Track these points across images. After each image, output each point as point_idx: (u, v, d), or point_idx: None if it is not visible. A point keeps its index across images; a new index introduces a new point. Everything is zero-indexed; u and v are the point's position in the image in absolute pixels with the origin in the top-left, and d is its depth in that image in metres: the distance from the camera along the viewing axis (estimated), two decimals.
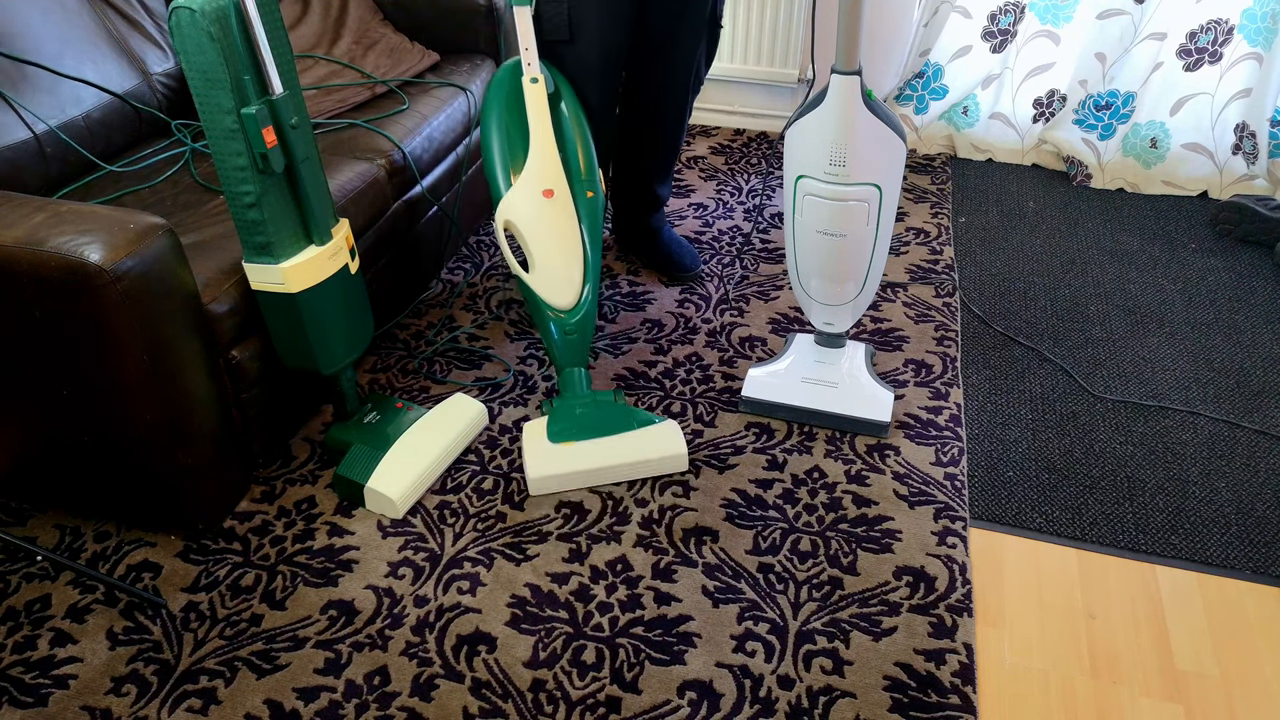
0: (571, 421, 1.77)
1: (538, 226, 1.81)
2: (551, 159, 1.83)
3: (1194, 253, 2.46)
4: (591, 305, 1.85)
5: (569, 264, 1.84)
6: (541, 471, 1.70)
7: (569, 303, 1.84)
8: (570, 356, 1.85)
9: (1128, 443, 1.86)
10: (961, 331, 2.16)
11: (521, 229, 1.81)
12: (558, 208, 1.83)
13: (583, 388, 1.84)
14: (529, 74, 1.80)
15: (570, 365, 1.85)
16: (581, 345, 1.85)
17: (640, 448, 1.74)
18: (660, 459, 1.74)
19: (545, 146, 1.82)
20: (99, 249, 1.32)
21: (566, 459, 1.71)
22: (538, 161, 1.82)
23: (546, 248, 1.82)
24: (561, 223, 1.83)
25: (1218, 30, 2.54)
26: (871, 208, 1.68)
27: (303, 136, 1.51)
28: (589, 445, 1.74)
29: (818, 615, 1.52)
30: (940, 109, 2.88)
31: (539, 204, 1.81)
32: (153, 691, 1.41)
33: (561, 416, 1.79)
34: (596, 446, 1.74)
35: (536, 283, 1.83)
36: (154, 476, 1.55)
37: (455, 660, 1.45)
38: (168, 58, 2.10)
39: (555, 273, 1.83)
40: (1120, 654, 1.48)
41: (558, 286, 1.83)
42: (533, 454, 1.73)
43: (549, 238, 1.82)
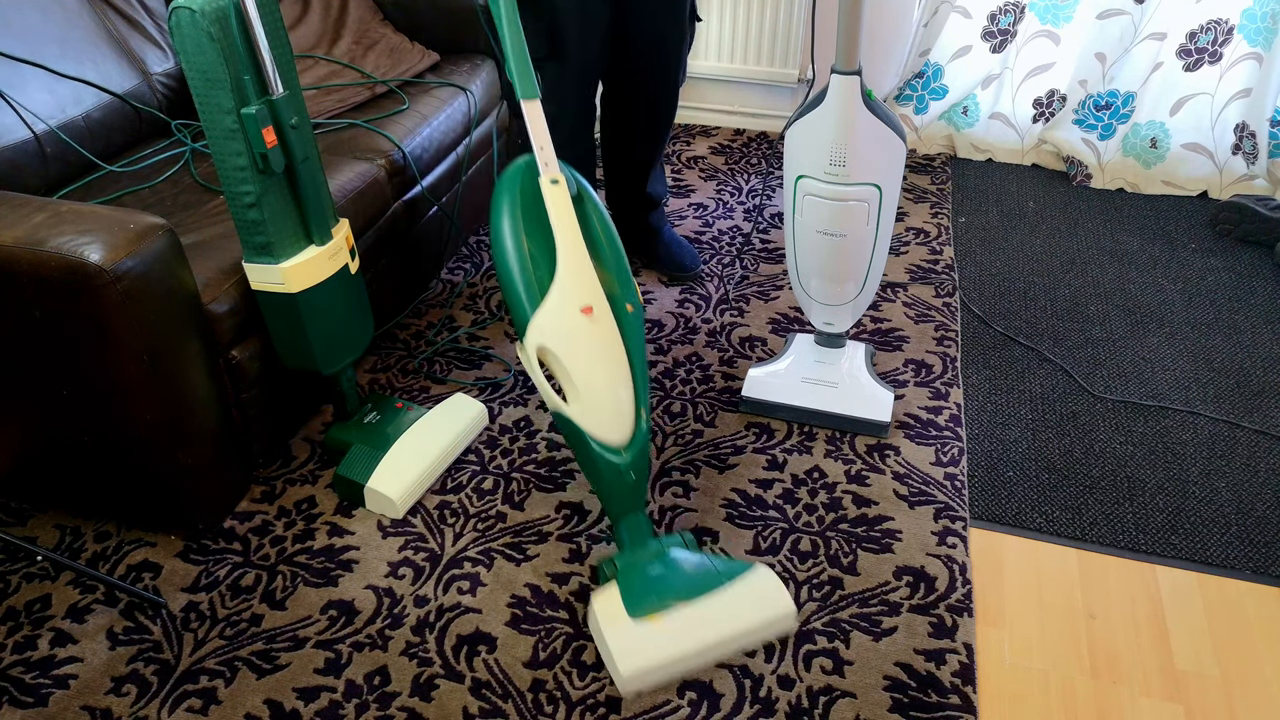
0: (647, 586, 1.46)
1: (578, 350, 1.53)
2: (585, 270, 1.56)
3: (1194, 253, 2.46)
4: (647, 436, 1.56)
5: (617, 391, 1.54)
6: (637, 664, 1.37)
7: (622, 437, 1.53)
8: (627, 501, 1.54)
9: (1128, 443, 1.86)
10: (961, 331, 2.16)
11: (559, 355, 1.52)
12: (599, 326, 1.54)
13: (646, 539, 1.53)
14: (548, 175, 1.57)
15: (629, 511, 1.54)
16: (640, 486, 1.54)
17: (741, 611, 1.44)
18: (769, 622, 1.45)
19: (576, 256, 1.56)
20: (99, 249, 1.32)
21: (661, 641, 1.39)
22: (570, 274, 1.55)
23: (590, 374, 1.53)
24: (605, 343, 1.55)
25: (1218, 30, 2.54)
26: (871, 208, 1.68)
27: (303, 136, 1.51)
28: (681, 617, 1.42)
29: (818, 615, 1.52)
30: (940, 109, 2.88)
31: (577, 324, 1.53)
32: (153, 691, 1.41)
33: (634, 581, 1.46)
34: (691, 618, 1.42)
35: (581, 416, 1.52)
36: (154, 476, 1.55)
37: (455, 660, 1.45)
38: (168, 58, 2.10)
39: (603, 403, 1.52)
40: (1120, 654, 1.48)
41: (607, 419, 1.52)
42: (618, 641, 1.39)
43: (592, 362, 1.53)
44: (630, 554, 1.51)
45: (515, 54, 1.58)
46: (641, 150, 2.24)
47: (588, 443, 1.52)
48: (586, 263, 1.57)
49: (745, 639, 1.44)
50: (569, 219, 1.57)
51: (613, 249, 1.62)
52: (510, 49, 1.58)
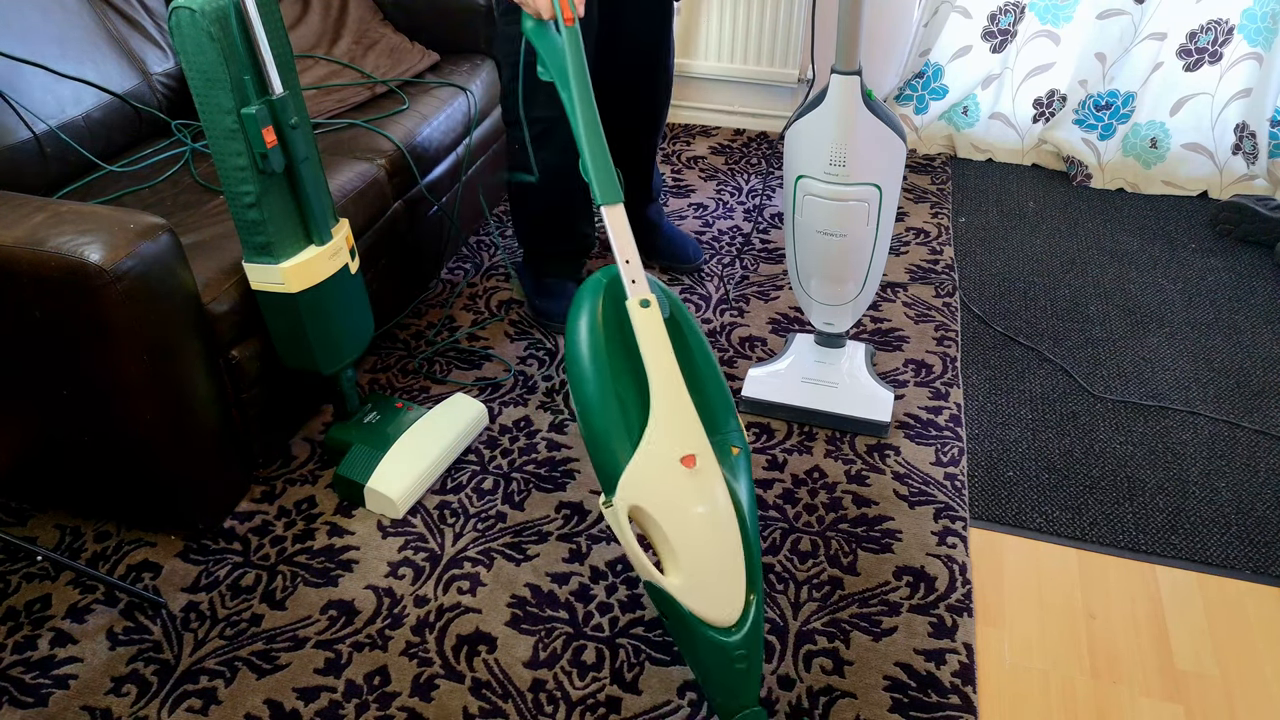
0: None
1: (680, 511, 1.28)
2: (685, 411, 1.31)
3: (1194, 253, 2.46)
4: (761, 612, 1.30)
5: (726, 558, 1.29)
6: None
7: (731, 615, 1.28)
8: (741, 692, 1.28)
9: (1128, 443, 1.86)
10: (961, 331, 2.16)
11: (656, 516, 1.27)
12: (703, 480, 1.30)
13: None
14: (636, 294, 1.33)
15: (744, 706, 1.29)
16: (755, 672, 1.29)
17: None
18: None
19: (674, 394, 1.30)
20: (99, 249, 1.32)
21: None
22: (667, 417, 1.30)
23: (695, 539, 1.28)
24: (711, 501, 1.30)
25: (1218, 30, 2.54)
26: (871, 208, 1.68)
27: (303, 136, 1.51)
28: None
29: (818, 615, 1.52)
30: (940, 109, 2.88)
31: (679, 478, 1.28)
32: (153, 691, 1.41)
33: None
34: None
35: (683, 591, 1.27)
36: (154, 476, 1.55)
37: (455, 660, 1.45)
38: (168, 58, 2.10)
39: (709, 573, 1.28)
40: (1120, 654, 1.48)
41: (715, 593, 1.27)
42: None
43: (697, 524, 1.28)
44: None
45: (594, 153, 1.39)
46: (644, 143, 2.27)
47: (691, 622, 1.27)
48: (686, 402, 1.32)
49: None
50: (663, 349, 1.32)
51: (713, 380, 1.38)
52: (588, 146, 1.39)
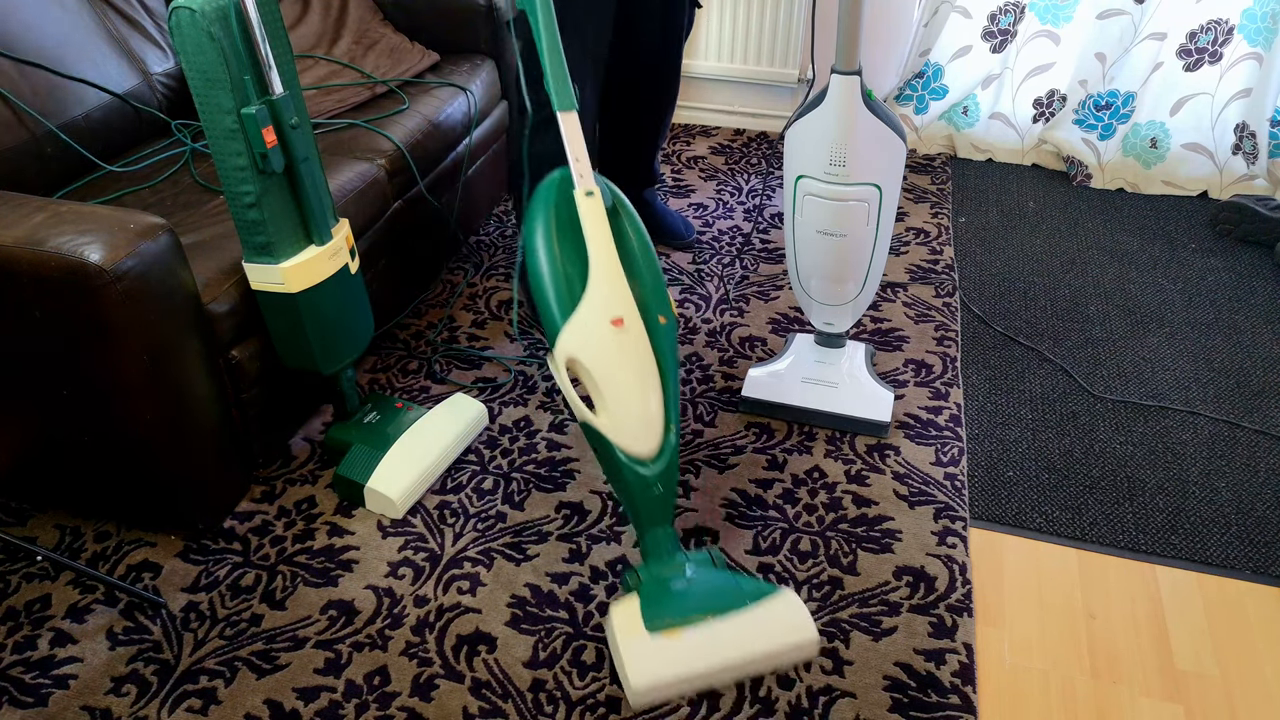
0: (668, 601, 1.45)
1: (608, 361, 1.51)
2: (617, 282, 1.55)
3: (1194, 253, 2.46)
4: (676, 449, 1.54)
5: (647, 403, 1.52)
6: (647, 678, 1.37)
7: (651, 449, 1.51)
8: (654, 514, 1.52)
9: (1128, 443, 1.86)
10: (961, 331, 2.16)
11: (588, 366, 1.51)
12: (630, 338, 1.53)
13: (672, 553, 1.51)
14: (582, 186, 1.55)
15: (656, 524, 1.52)
16: (667, 499, 1.52)
17: (763, 633, 1.42)
18: (790, 648, 1.42)
19: (609, 268, 1.54)
20: (99, 249, 1.32)
21: (675, 658, 1.38)
22: (602, 285, 1.53)
23: (620, 386, 1.51)
24: (635, 355, 1.53)
25: (1218, 30, 2.54)
26: (871, 208, 1.68)
27: (303, 136, 1.51)
28: (699, 635, 1.40)
29: (818, 615, 1.52)
30: (940, 109, 2.88)
31: (607, 335, 1.52)
32: (153, 691, 1.41)
33: (655, 596, 1.46)
34: (709, 636, 1.40)
35: (609, 427, 1.50)
36: (154, 476, 1.55)
37: (455, 660, 1.45)
38: (168, 58, 2.10)
39: (632, 414, 1.51)
40: (1120, 654, 1.48)
41: (635, 430, 1.51)
42: (632, 654, 1.39)
43: (622, 373, 1.52)
44: (655, 567, 1.49)
45: (554, 65, 1.55)
46: (650, 128, 2.29)
47: (615, 454, 1.50)
48: (619, 274, 1.55)
49: (763, 662, 1.42)
50: (603, 231, 1.55)
51: (648, 261, 1.60)
52: (548, 60, 1.54)
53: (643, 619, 1.42)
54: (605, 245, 1.55)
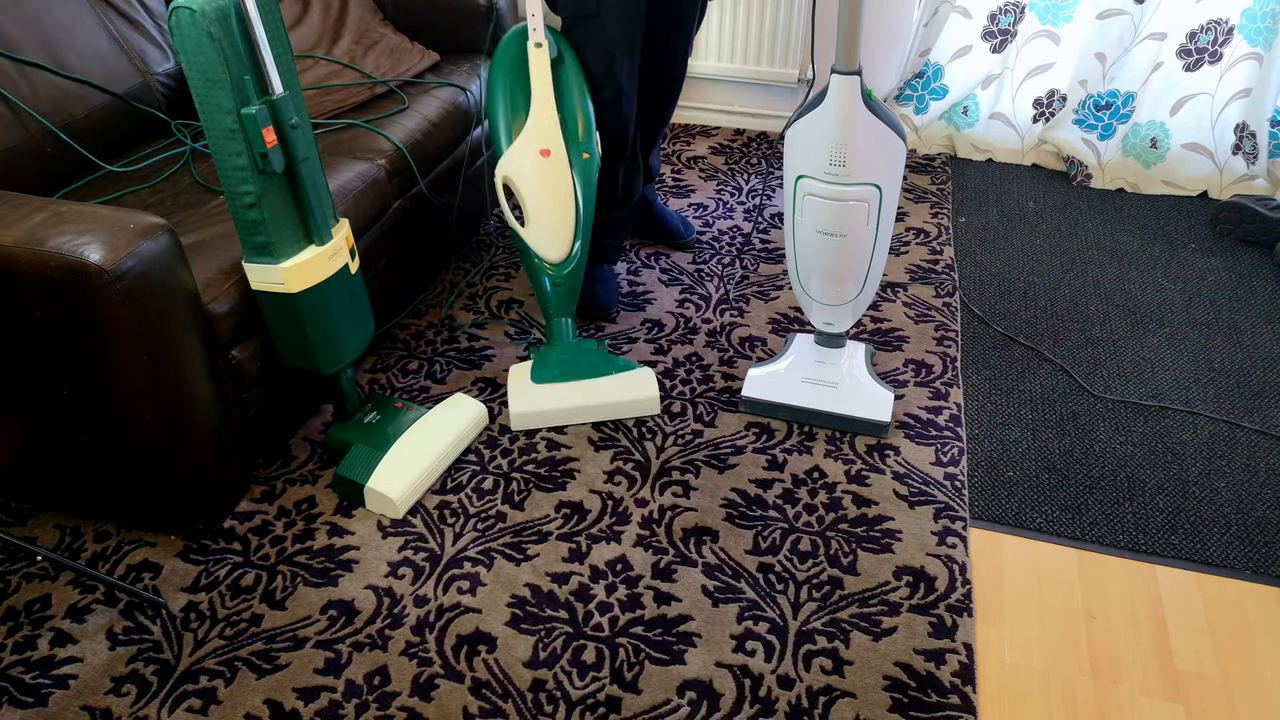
0: (554, 366, 1.92)
1: (533, 183, 1.91)
2: (550, 120, 1.90)
3: (1194, 253, 2.46)
4: (581, 259, 1.97)
5: (562, 220, 1.94)
6: (523, 408, 1.86)
7: (560, 256, 1.95)
8: (559, 307, 1.98)
9: (1128, 443, 1.86)
10: (961, 331, 2.16)
11: (518, 185, 1.91)
12: (553, 166, 1.91)
13: (568, 336, 1.98)
14: (534, 39, 1.85)
15: (558, 315, 1.99)
16: (570, 297, 1.98)
17: (615, 390, 1.89)
18: (633, 401, 1.88)
19: (545, 108, 1.89)
20: (99, 249, 1.32)
21: (547, 398, 1.87)
22: (537, 122, 1.89)
23: (541, 204, 1.91)
24: (556, 181, 1.92)
25: (1218, 30, 2.54)
26: (871, 208, 1.68)
27: (303, 136, 1.51)
28: (568, 387, 1.89)
29: (818, 615, 1.52)
30: (940, 109, 2.88)
31: (536, 162, 1.90)
32: (153, 691, 1.41)
33: (546, 360, 1.93)
34: (575, 388, 1.89)
35: (530, 236, 1.93)
36: (154, 476, 1.55)
37: (455, 660, 1.45)
38: (168, 58, 2.10)
39: (548, 228, 1.93)
40: (1120, 654, 1.48)
41: (550, 240, 1.94)
42: (516, 393, 1.88)
43: (544, 194, 1.91)
44: (553, 345, 1.97)
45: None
46: (651, 122, 2.29)
47: (532, 257, 1.95)
48: (552, 113, 1.90)
49: (613, 410, 1.89)
50: (544, 76, 1.88)
51: (582, 106, 1.94)
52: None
53: (530, 374, 1.91)
54: (544, 89, 1.89)
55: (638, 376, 1.91)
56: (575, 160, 1.95)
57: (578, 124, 1.94)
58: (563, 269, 1.96)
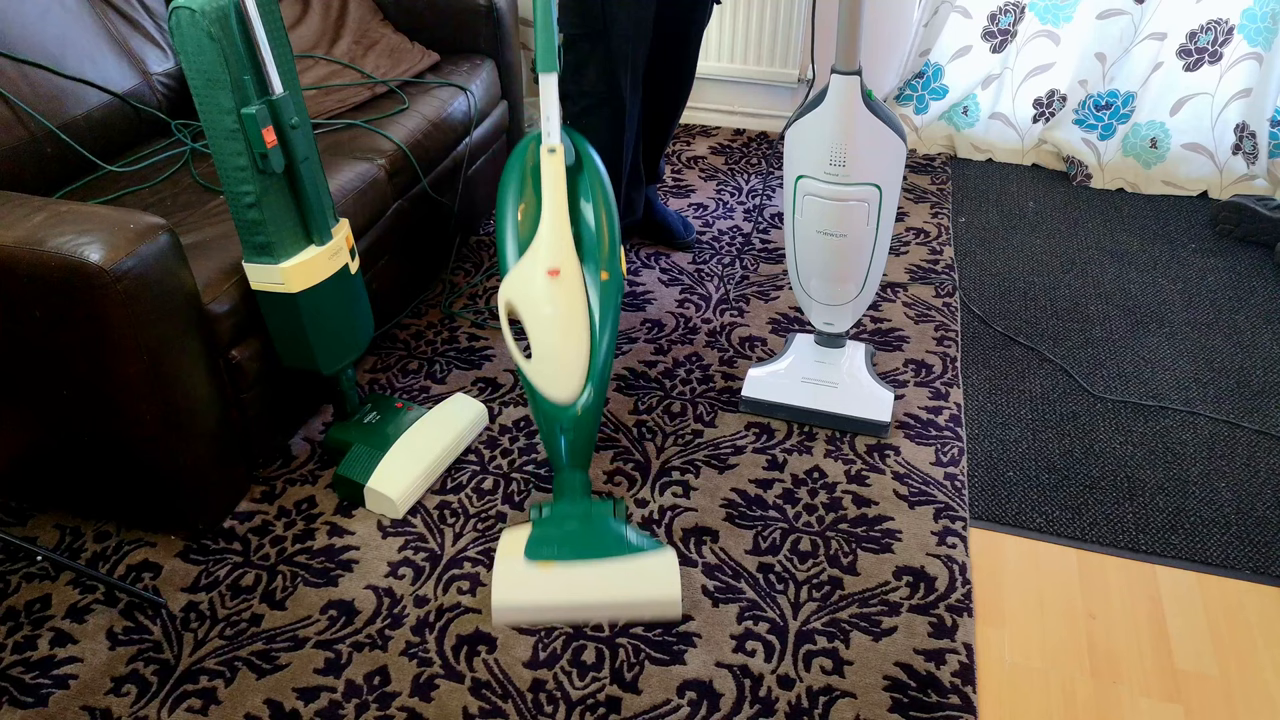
0: (556, 538, 1.54)
1: (539, 309, 1.60)
2: (561, 235, 1.62)
3: (1194, 253, 2.46)
4: (595, 401, 1.62)
5: (571, 353, 1.61)
6: (507, 599, 1.48)
7: (568, 396, 1.61)
8: (568, 457, 1.62)
9: (1128, 443, 1.86)
10: (961, 331, 2.16)
11: (522, 311, 1.61)
12: (564, 289, 1.61)
13: (577, 496, 1.60)
14: (547, 143, 1.62)
15: (566, 467, 1.62)
16: (580, 446, 1.62)
17: (626, 584, 1.50)
18: (647, 603, 1.50)
19: (556, 221, 1.62)
20: (99, 249, 1.32)
21: (538, 587, 1.49)
22: (546, 237, 1.62)
23: (548, 334, 1.60)
24: (567, 306, 1.61)
25: (1218, 30, 2.54)
26: (871, 208, 1.68)
27: (303, 136, 1.51)
28: (567, 572, 1.50)
29: (818, 615, 1.52)
30: (940, 109, 2.88)
31: (542, 284, 1.60)
32: (153, 691, 1.41)
33: (546, 530, 1.55)
34: (576, 575, 1.50)
35: (533, 372, 1.61)
36: (154, 476, 1.55)
37: (455, 660, 1.45)
38: (168, 58, 2.10)
39: (554, 362, 1.61)
40: (1120, 654, 1.48)
41: (556, 377, 1.60)
42: (502, 574, 1.50)
43: (551, 322, 1.60)
44: (560, 506, 1.60)
45: (543, 26, 1.59)
46: (660, 126, 2.31)
47: (535, 395, 1.62)
48: (564, 227, 1.63)
49: (621, 610, 1.49)
50: (557, 185, 1.63)
51: (607, 217, 1.67)
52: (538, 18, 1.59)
53: (525, 547, 1.52)
54: (556, 199, 1.63)
55: (658, 565, 1.51)
56: (593, 281, 1.64)
57: (597, 239, 1.66)
58: (569, 411, 1.60)
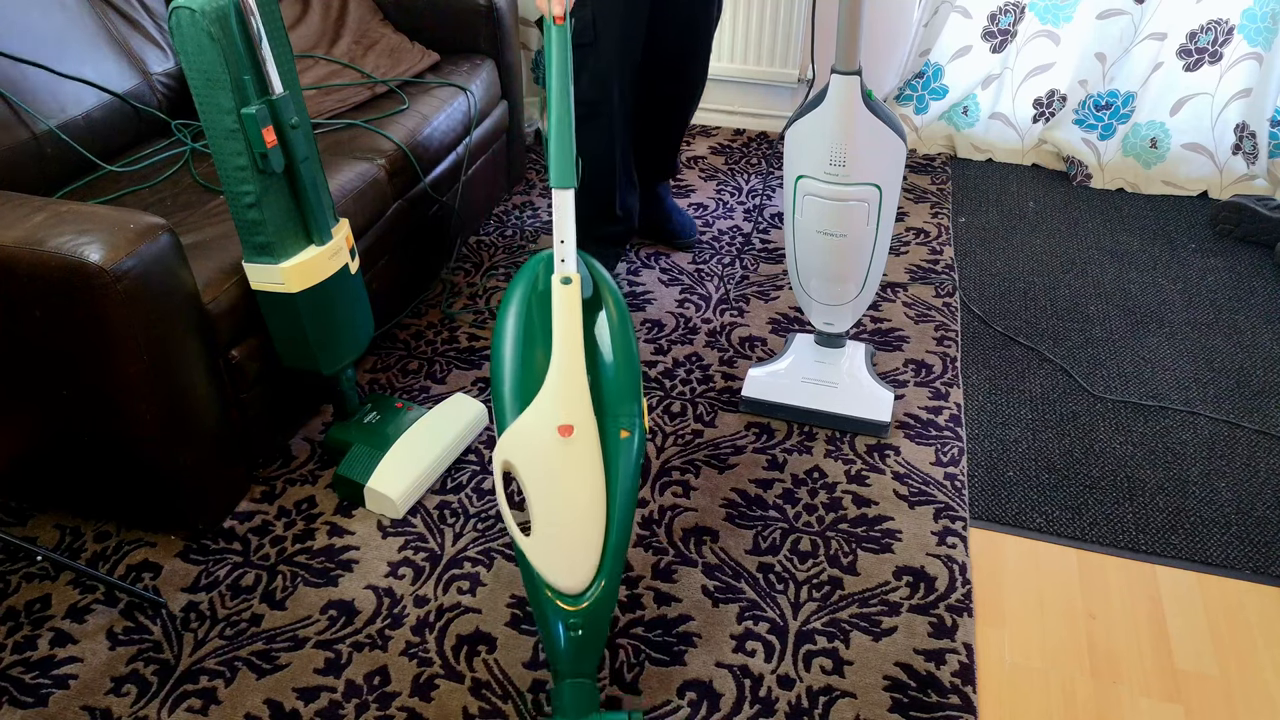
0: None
1: (545, 475, 1.32)
2: (576, 384, 1.35)
3: (1194, 253, 2.46)
4: (609, 592, 1.31)
5: (581, 530, 1.32)
6: None
7: (576, 585, 1.30)
8: (571, 660, 1.30)
9: (1128, 443, 1.86)
10: (961, 331, 2.16)
11: (523, 476, 1.32)
12: (576, 451, 1.33)
13: (586, 711, 1.30)
14: (561, 271, 1.38)
15: (572, 674, 1.30)
16: (590, 646, 1.31)
17: None
18: None
19: (569, 366, 1.35)
20: (99, 249, 1.32)
21: None
22: (557, 386, 1.34)
23: (553, 505, 1.32)
24: (578, 472, 1.33)
25: (1218, 30, 2.54)
26: (871, 208, 1.68)
27: (303, 136, 1.51)
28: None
29: (818, 615, 1.52)
30: (940, 109, 2.88)
31: (551, 444, 1.32)
32: (153, 691, 1.41)
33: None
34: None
35: (535, 552, 1.31)
36: (154, 476, 1.55)
37: (455, 660, 1.45)
38: (168, 58, 2.10)
39: (560, 541, 1.31)
40: (1120, 654, 1.48)
41: (563, 561, 1.31)
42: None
43: (558, 492, 1.32)
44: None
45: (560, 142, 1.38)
46: (674, 124, 2.32)
47: (535, 583, 1.31)
48: (579, 375, 1.36)
49: None
50: (572, 324, 1.37)
51: (626, 364, 1.41)
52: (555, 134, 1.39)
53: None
54: (571, 340, 1.36)
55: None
56: (610, 440, 1.35)
57: (618, 389, 1.38)
58: (578, 602, 1.29)
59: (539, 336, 1.40)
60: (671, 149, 2.38)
